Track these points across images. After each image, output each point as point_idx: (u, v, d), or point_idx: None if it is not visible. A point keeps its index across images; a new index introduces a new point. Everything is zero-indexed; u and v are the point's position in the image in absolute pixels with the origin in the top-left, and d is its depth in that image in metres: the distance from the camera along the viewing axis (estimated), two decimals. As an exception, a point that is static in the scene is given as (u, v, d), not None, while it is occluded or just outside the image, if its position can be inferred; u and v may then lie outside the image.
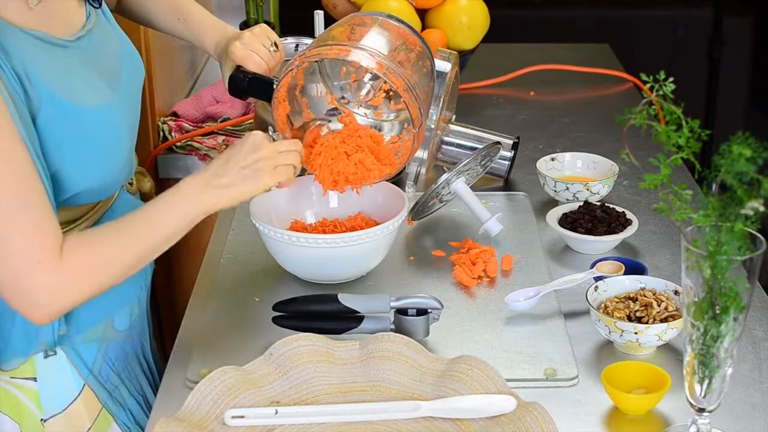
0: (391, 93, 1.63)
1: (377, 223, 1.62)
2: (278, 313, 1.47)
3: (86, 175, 1.39)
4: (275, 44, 1.63)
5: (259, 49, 1.60)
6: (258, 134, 1.43)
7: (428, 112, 1.64)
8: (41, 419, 1.47)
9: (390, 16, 1.63)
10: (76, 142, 1.35)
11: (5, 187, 1.24)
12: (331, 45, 1.53)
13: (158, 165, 2.10)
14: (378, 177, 1.60)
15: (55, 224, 1.29)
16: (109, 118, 1.41)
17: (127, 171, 1.51)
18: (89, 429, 1.50)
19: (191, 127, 2.16)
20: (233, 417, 1.28)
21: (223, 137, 2.14)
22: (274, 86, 1.55)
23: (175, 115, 2.21)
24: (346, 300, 1.45)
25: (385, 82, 1.53)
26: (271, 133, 1.49)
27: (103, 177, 1.43)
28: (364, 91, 1.65)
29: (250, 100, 2.22)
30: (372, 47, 1.53)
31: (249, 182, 1.40)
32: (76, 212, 1.44)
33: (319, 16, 2.06)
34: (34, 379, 1.45)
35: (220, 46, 1.65)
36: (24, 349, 1.43)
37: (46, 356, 1.45)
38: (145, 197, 1.72)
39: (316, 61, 1.59)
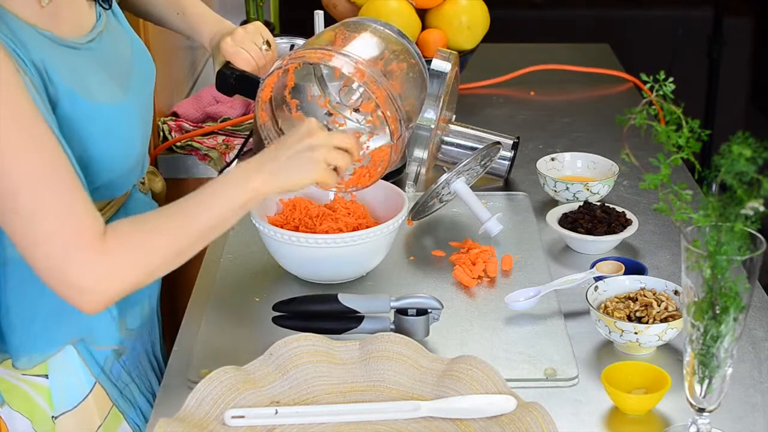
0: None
1: (377, 223, 1.62)
2: (278, 313, 1.47)
3: (99, 172, 1.39)
4: (267, 43, 1.63)
5: (249, 46, 1.60)
6: (313, 120, 1.38)
7: (413, 124, 1.63)
8: (52, 416, 1.47)
9: (385, 25, 1.62)
10: (90, 138, 1.36)
11: (36, 172, 1.23)
12: (316, 49, 1.52)
13: (158, 165, 2.10)
14: (355, 186, 1.59)
15: (92, 208, 1.26)
16: (121, 116, 1.41)
17: (139, 169, 1.51)
18: (99, 426, 1.50)
19: (191, 127, 2.16)
20: (233, 417, 1.28)
21: (223, 137, 2.14)
22: (260, 86, 1.55)
23: (175, 115, 2.21)
24: (346, 300, 1.45)
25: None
26: (326, 122, 1.48)
27: (116, 174, 1.43)
28: (354, 97, 1.65)
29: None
30: (356, 54, 1.52)
31: (296, 171, 1.34)
32: None
33: (319, 16, 2.06)
34: (46, 377, 1.46)
35: (214, 41, 1.65)
36: (43, 348, 1.44)
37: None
38: (157, 197, 1.72)
39: (310, 64, 1.58)
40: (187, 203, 1.31)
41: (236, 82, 1.58)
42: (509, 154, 1.96)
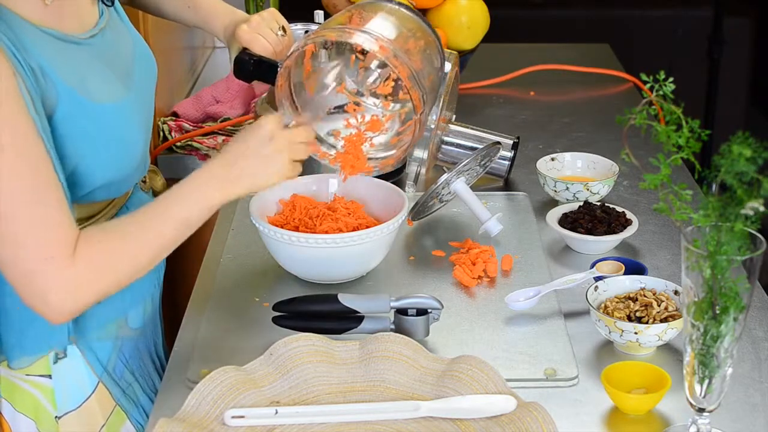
0: (399, 81, 1.62)
1: (377, 223, 1.62)
2: (278, 313, 1.47)
3: (102, 172, 1.39)
4: (283, 28, 1.63)
5: (266, 32, 1.60)
6: (272, 121, 1.41)
7: (433, 103, 1.63)
8: (55, 416, 1.48)
9: (400, 4, 1.62)
10: (92, 138, 1.36)
11: (20, 183, 1.24)
12: (334, 28, 1.52)
13: (158, 165, 2.09)
14: (385, 165, 1.59)
15: (70, 221, 1.28)
16: (123, 115, 1.42)
17: (141, 168, 1.52)
18: (103, 426, 1.51)
19: (191, 127, 2.16)
20: (233, 417, 1.28)
21: (223, 137, 2.14)
22: (279, 69, 1.55)
23: (175, 115, 2.21)
24: (346, 300, 1.45)
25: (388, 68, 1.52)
26: (282, 114, 1.49)
27: (119, 173, 1.43)
28: (371, 79, 1.64)
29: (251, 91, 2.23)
30: (377, 32, 1.52)
31: (263, 174, 1.39)
32: (93, 209, 1.45)
33: (319, 16, 2.06)
34: (49, 377, 1.46)
35: (228, 30, 1.65)
36: (37, 348, 1.44)
37: (56, 360, 1.45)
38: (158, 195, 1.72)
39: (325, 47, 1.58)
40: (153, 212, 1.34)
41: (255, 67, 1.58)
42: (509, 154, 1.96)
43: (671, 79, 1.16)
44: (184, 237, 1.35)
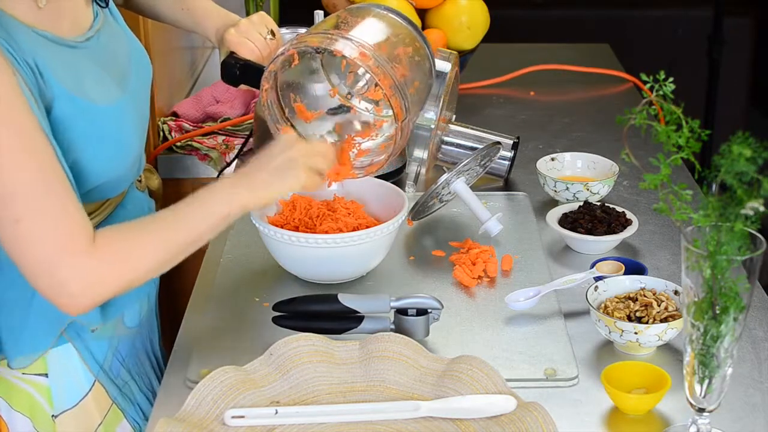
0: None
1: (377, 223, 1.62)
2: (278, 313, 1.47)
3: (97, 172, 1.39)
4: (272, 32, 1.64)
5: (254, 36, 1.61)
6: (291, 134, 1.46)
7: (420, 109, 1.63)
8: (52, 415, 1.48)
9: (389, 10, 1.62)
10: (87, 139, 1.36)
11: (29, 176, 1.24)
12: (318, 33, 1.52)
13: (158, 165, 2.10)
14: (368, 172, 1.59)
15: (83, 213, 1.28)
16: (119, 116, 1.42)
17: (136, 168, 1.52)
18: (99, 425, 1.51)
19: (191, 127, 2.16)
20: (233, 417, 1.28)
21: (223, 137, 2.14)
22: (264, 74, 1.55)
23: (175, 115, 2.21)
24: (346, 300, 1.45)
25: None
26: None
27: (114, 173, 1.44)
28: (360, 84, 1.64)
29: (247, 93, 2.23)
30: (359, 38, 1.51)
31: (280, 182, 1.40)
32: (88, 208, 1.45)
33: (318, 16, 2.06)
34: (46, 375, 1.46)
35: (220, 33, 1.66)
36: (34, 347, 1.44)
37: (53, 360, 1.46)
38: (154, 194, 1.73)
39: (318, 52, 1.58)
40: (172, 216, 1.34)
41: (241, 71, 1.58)
42: (509, 154, 1.96)
43: (671, 79, 1.16)
44: (203, 242, 1.35)
